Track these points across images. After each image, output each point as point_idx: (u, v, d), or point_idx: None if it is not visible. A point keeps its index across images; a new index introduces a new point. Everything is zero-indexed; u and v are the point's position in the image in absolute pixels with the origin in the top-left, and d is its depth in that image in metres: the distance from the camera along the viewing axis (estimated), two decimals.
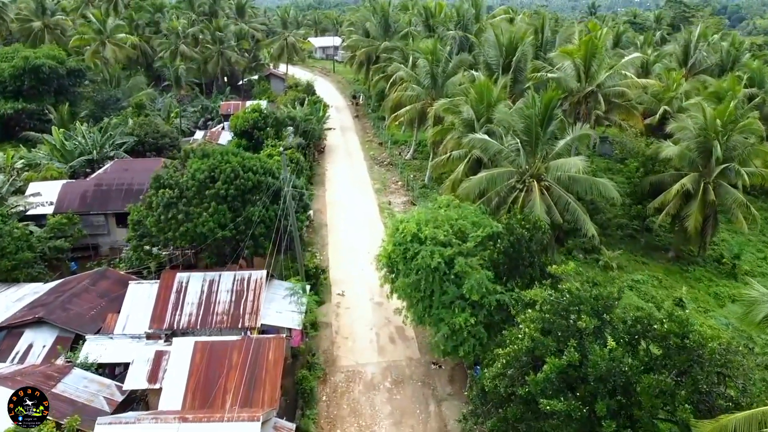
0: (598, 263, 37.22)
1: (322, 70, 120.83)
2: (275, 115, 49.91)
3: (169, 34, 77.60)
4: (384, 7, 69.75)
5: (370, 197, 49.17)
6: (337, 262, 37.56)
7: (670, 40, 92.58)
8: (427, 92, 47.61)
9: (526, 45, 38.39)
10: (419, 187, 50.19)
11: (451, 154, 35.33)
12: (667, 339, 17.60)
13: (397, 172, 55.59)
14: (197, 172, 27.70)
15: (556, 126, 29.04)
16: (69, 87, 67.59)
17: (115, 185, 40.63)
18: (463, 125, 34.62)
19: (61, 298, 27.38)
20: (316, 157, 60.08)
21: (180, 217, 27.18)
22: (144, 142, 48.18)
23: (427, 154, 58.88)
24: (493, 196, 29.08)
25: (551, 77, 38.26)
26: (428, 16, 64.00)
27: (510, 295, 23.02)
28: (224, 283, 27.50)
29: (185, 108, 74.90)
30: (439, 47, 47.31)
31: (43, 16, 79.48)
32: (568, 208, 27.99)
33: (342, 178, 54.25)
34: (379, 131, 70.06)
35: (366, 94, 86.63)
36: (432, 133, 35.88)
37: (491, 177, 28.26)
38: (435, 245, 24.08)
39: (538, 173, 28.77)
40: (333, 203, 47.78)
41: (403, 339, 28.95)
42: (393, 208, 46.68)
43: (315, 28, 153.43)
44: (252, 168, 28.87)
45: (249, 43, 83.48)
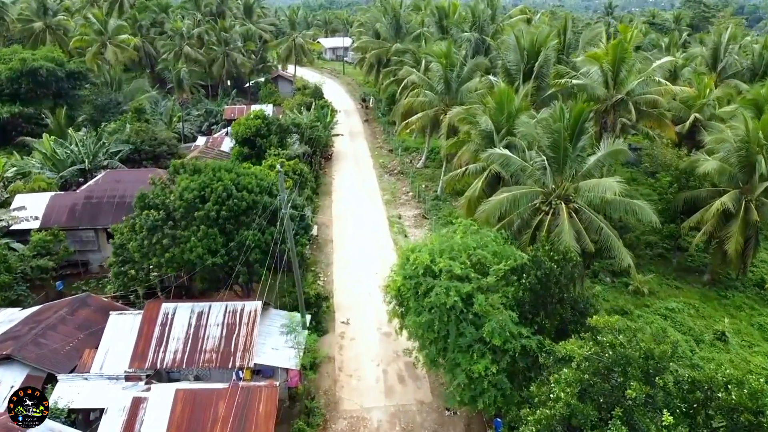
0: (628, 288, 34.02)
1: (331, 71, 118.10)
2: (279, 121, 47.09)
3: (173, 35, 75.11)
4: (395, 7, 66.79)
5: (379, 209, 46.23)
6: (342, 284, 34.65)
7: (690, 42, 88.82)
8: (440, 98, 44.61)
9: (549, 49, 35.26)
10: (431, 199, 47.18)
11: (467, 168, 32.31)
12: (736, 412, 14.45)
13: (408, 181, 52.61)
14: (185, 192, 24.88)
15: (586, 141, 25.92)
16: (68, 90, 65.31)
17: (106, 198, 38.01)
18: (481, 137, 31.58)
19: (35, 331, 24.66)
20: (323, 164, 57.25)
21: (165, 242, 24.39)
22: (140, 150, 45.58)
23: (439, 163, 55.92)
24: (515, 218, 26.05)
25: (576, 84, 35.10)
26: (441, 17, 60.94)
27: (538, 339, 19.99)
28: (214, 315, 24.65)
29: (189, 111, 72.45)
30: (453, 50, 44.27)
31: (45, 16, 77.35)
32: (600, 233, 24.88)
33: (349, 187, 51.36)
34: (389, 137, 67.14)
35: (376, 97, 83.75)
36: (446, 146, 32.93)
37: (513, 198, 25.22)
38: (451, 279, 21.10)
39: (565, 194, 25.68)
40: (339, 216, 44.89)
41: (414, 378, 25.95)
42: (403, 223, 43.70)
43: (325, 28, 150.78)
44: (247, 186, 26.00)
45: (255, 44, 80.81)
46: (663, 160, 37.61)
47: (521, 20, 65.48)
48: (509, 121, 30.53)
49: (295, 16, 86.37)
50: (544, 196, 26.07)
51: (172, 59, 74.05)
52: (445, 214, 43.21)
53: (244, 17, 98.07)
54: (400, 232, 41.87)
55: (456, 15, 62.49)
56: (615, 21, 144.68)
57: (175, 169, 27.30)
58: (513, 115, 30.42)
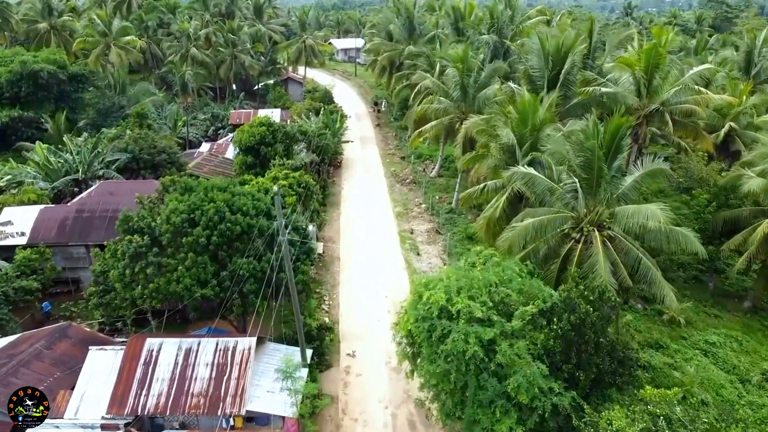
0: (662, 316, 30.97)
1: (343, 73, 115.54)
2: (285, 129, 44.50)
3: (179, 36, 72.90)
4: (408, 7, 63.94)
5: (390, 223, 43.48)
6: (349, 308, 31.96)
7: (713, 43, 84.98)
8: (456, 105, 41.75)
9: (576, 54, 32.29)
10: (445, 212, 44.34)
11: (485, 184, 29.46)
12: None
13: (421, 192, 49.83)
14: (173, 215, 22.32)
15: (623, 160, 22.98)
16: (71, 93, 63.36)
17: (99, 211, 35.62)
18: (502, 151, 28.73)
19: (5, 369, 22.25)
20: (332, 173, 54.68)
21: (150, 271, 21.84)
22: (139, 159, 43.17)
23: (454, 172, 53.03)
24: (541, 245, 23.18)
25: (606, 93, 32.10)
26: (457, 18, 58.03)
27: (571, 397, 17.16)
28: (204, 353, 22.07)
29: (195, 116, 70.14)
30: (470, 54, 41.38)
31: (50, 17, 75.47)
32: (639, 265, 21.95)
33: (359, 198, 48.68)
34: (401, 143, 64.40)
35: (388, 100, 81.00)
36: (463, 161, 30.16)
37: (540, 225, 22.36)
38: (470, 323, 18.32)
39: (599, 220, 22.77)
40: (347, 230, 42.20)
41: (426, 426, 23.14)
42: (415, 239, 40.91)
43: (337, 29, 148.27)
44: (242, 208, 23.39)
45: (264, 45, 78.39)
46: (699, 175, 34.47)
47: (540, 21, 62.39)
48: (533, 134, 27.66)
49: (306, 17, 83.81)
50: (574, 222, 23.17)
51: (178, 61, 71.85)
52: (461, 230, 40.37)
53: (254, 18, 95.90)
54: (412, 249, 39.09)
55: (472, 16, 59.57)
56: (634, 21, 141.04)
57: (164, 187, 24.79)
58: (537, 128, 27.54)
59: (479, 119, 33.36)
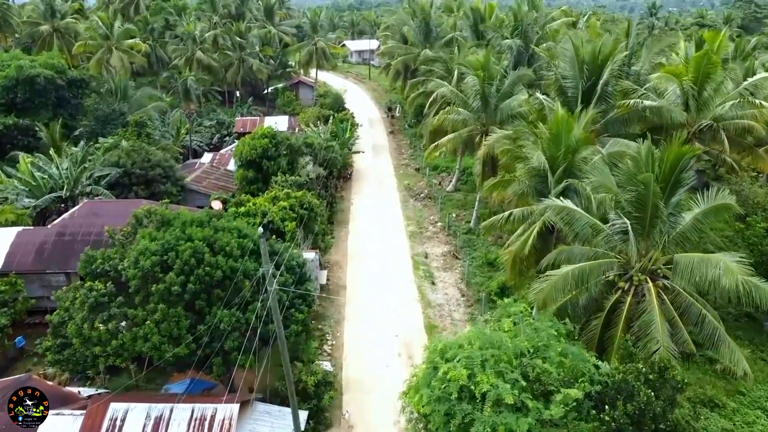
0: (713, 365, 26.84)
1: (356, 76, 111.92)
2: (289, 141, 40.99)
3: (185, 38, 69.80)
4: (425, 8, 60.13)
5: (403, 245, 39.71)
6: (354, 350, 28.24)
7: None
8: (476, 117, 37.91)
9: (616, 63, 28.27)
10: (463, 233, 40.50)
11: (511, 212, 25.61)
12: None
13: (436, 209, 46.01)
14: (142, 257, 18.79)
15: (683, 195, 19.01)
16: (70, 99, 60.49)
17: (81, 235, 32.35)
18: (530, 176, 24.86)
19: None
20: (342, 185, 51.07)
21: (112, 326, 18.34)
22: (131, 174, 39.88)
23: (472, 186, 49.12)
24: (580, 294, 19.30)
25: (649, 106, 28.07)
26: (477, 21, 54.07)
27: None
28: (176, 424, 18.49)
29: (201, 122, 67.03)
30: (492, 60, 37.50)
31: (53, 19, 72.75)
32: (703, 323, 17.99)
33: (369, 215, 44.98)
34: (415, 152, 60.63)
35: (402, 105, 77.30)
36: (485, 187, 26.32)
37: (581, 273, 18.47)
38: (498, 409, 14.55)
39: (653, 267, 18.84)
40: (356, 253, 38.51)
41: None
42: (430, 264, 37.11)
43: (352, 30, 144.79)
44: (225, 248, 19.79)
45: (274, 48, 75.05)
46: (755, 199, 30.27)
47: (565, 23, 58.29)
48: (568, 157, 23.76)
49: (318, 18, 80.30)
50: (621, 268, 19.26)
51: (183, 65, 68.75)
52: (480, 255, 36.50)
53: (265, 19, 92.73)
54: (426, 276, 35.32)
55: (493, 18, 55.58)
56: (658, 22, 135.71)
57: (137, 220, 21.29)
58: (573, 150, 23.64)
59: (503, 136, 29.51)
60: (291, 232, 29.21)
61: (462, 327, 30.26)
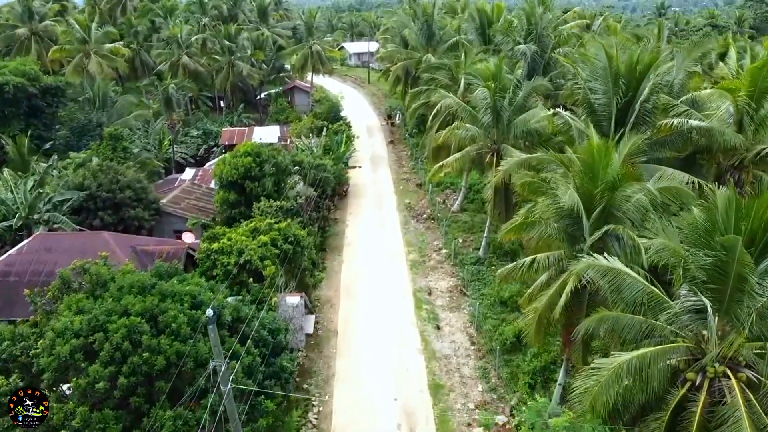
0: None
1: (355, 79, 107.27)
2: (276, 159, 36.46)
3: (170, 42, 65.27)
4: (427, 9, 55.48)
5: (403, 277, 35.16)
6: (346, 422, 23.61)
7: None
8: (486, 133, 33.38)
9: (659, 75, 23.61)
10: (471, 263, 35.95)
11: (535, 258, 21.04)
12: None
13: (441, 231, 41.42)
14: (60, 340, 14.23)
15: None
16: (44, 109, 56.04)
17: (29, 274, 27.78)
18: (559, 216, 20.27)
19: None
20: (336, 203, 46.51)
21: None
22: (96, 197, 35.34)
23: (479, 205, 44.59)
24: (637, 391, 14.73)
25: (697, 127, 23.47)
26: (483, 23, 49.42)
27: None
28: None
29: (188, 132, 62.59)
30: (504, 69, 32.95)
31: (30, 21, 68.28)
32: None
33: (366, 240, 40.41)
34: (417, 165, 56.07)
35: (403, 111, 72.79)
36: (505, 231, 21.68)
37: (641, 364, 13.90)
38: None
39: (733, 356, 14.27)
40: (350, 288, 33.94)
41: None
42: (434, 302, 32.54)
43: (351, 31, 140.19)
44: (170, 324, 15.22)
45: (265, 52, 70.51)
46: None
47: (578, 26, 53.81)
48: (606, 195, 19.19)
49: (313, 20, 75.70)
50: (689, 353, 14.69)
51: (167, 70, 64.23)
52: (492, 293, 31.94)
53: (259, 21, 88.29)
54: (431, 318, 30.74)
55: (501, 20, 50.96)
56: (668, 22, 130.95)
57: (64, 282, 16.71)
58: (613, 186, 19.07)
59: (521, 161, 24.93)
60: (271, 277, 24.67)
61: (473, 386, 25.73)
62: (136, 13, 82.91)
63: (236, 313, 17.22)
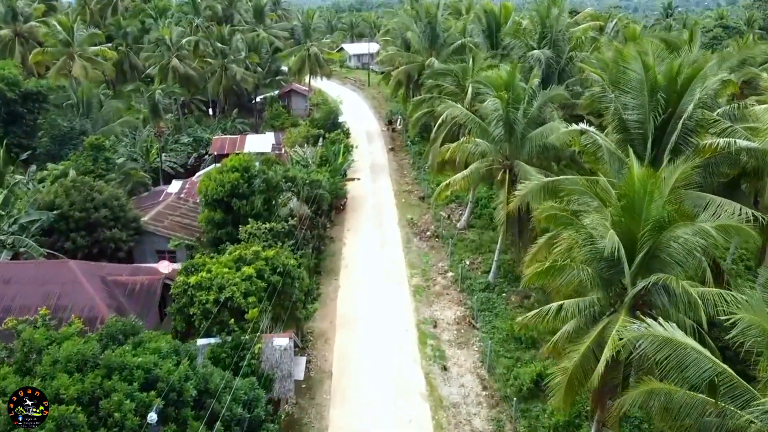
0: None
1: (355, 82, 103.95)
2: (266, 175, 33.29)
3: (159, 44, 62.03)
4: (430, 10, 52.22)
5: (405, 305, 31.97)
6: None
7: None
8: (497, 148, 30.19)
9: (705, 89, 20.29)
10: (480, 289, 32.74)
11: (562, 306, 17.80)
12: None
13: (446, 251, 38.20)
14: None
15: None
16: (24, 115, 52.92)
17: None
18: (594, 259, 17.03)
19: None
20: (333, 219, 43.29)
21: None
22: (68, 218, 32.15)
23: (487, 220, 41.50)
24: None
25: (746, 148, 20.23)
26: (491, 25, 46.14)
27: None
28: None
29: (178, 138, 59.36)
30: (518, 78, 29.74)
31: (15, 22, 65.07)
32: None
33: (365, 261, 37.21)
34: (419, 175, 52.89)
35: (404, 116, 69.61)
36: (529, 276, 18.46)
37: None
38: None
39: None
40: (347, 319, 30.71)
41: None
42: (440, 336, 29.29)
43: (351, 32, 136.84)
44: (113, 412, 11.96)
45: (260, 55, 67.28)
46: None
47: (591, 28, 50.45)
48: (651, 237, 15.96)
49: (310, 21, 72.44)
50: None
51: (157, 74, 60.99)
52: (504, 327, 28.72)
53: (255, 22, 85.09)
54: (436, 357, 27.50)
55: (510, 22, 47.72)
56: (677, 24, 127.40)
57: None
58: (661, 225, 15.84)
59: (541, 186, 21.70)
60: (253, 321, 21.48)
61: None
62: (128, 14, 79.75)
63: (204, 384, 14.04)
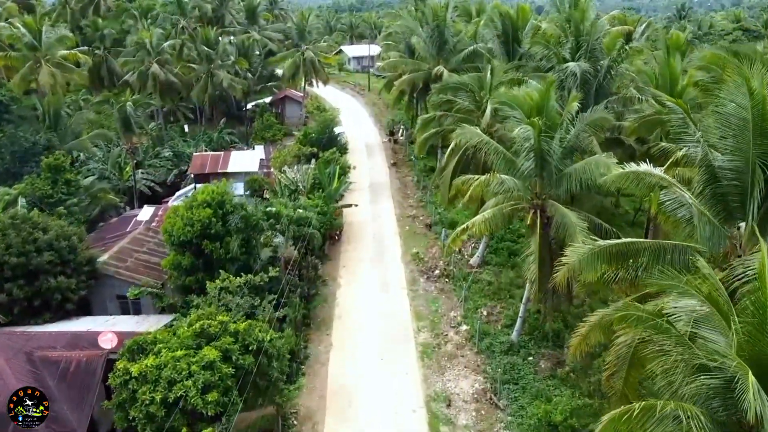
0: None
1: (354, 87, 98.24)
2: (243, 210, 27.66)
3: (139, 48, 56.32)
4: (438, 12, 46.46)
5: (412, 372, 26.24)
6: None
7: None
8: (527, 183, 24.50)
9: None
10: (503, 351, 27.06)
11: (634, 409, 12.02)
12: None
13: (459, 296, 32.48)
14: None
15: None
16: None
17: None
18: (706, 396, 11.29)
19: None
20: (326, 252, 37.64)
21: None
22: (3, 265, 26.42)
23: (505, 257, 35.88)
24: None
25: None
26: (508, 30, 40.39)
27: None
28: None
29: (158, 152, 53.72)
30: (552, 98, 24.02)
31: None
32: None
33: (363, 310, 31.49)
34: (424, 195, 47.31)
35: (407, 126, 64.05)
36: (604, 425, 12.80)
37: None
38: None
39: None
40: (338, 394, 24.89)
41: None
42: (456, 421, 23.53)
43: (350, 33, 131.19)
44: None
45: (249, 61, 61.60)
46: None
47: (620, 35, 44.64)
48: None
49: (305, 23, 66.68)
50: None
51: (135, 81, 55.30)
52: (536, 411, 22.95)
53: (248, 23, 79.52)
54: None
55: (528, 26, 42.04)
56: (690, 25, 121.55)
57: None
58: None
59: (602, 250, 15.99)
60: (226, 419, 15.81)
61: None
62: (111, 14, 74.03)
63: None
